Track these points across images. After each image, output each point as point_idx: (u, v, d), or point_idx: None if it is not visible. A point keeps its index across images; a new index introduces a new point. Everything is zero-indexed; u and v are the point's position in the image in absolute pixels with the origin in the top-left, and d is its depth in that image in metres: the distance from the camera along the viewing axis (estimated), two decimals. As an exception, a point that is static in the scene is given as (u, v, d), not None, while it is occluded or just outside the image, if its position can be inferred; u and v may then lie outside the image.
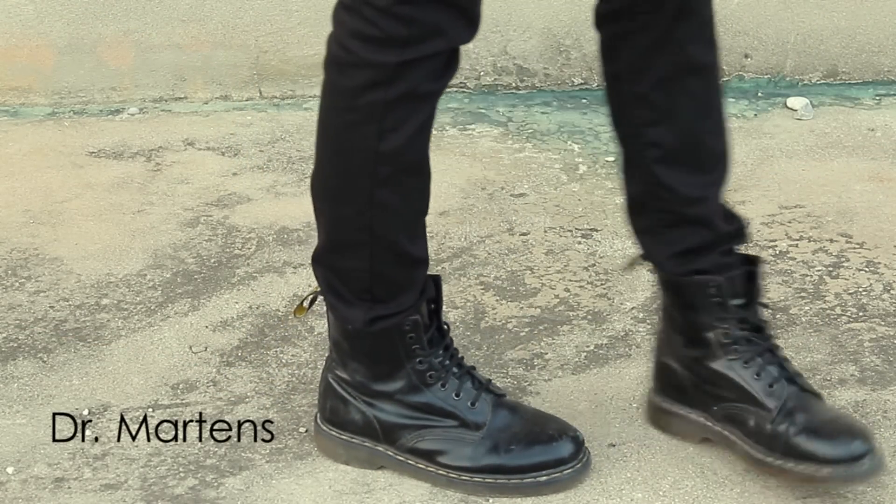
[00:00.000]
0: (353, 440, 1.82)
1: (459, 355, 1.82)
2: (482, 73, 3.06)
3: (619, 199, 2.55)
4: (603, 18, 1.76)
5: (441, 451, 1.78)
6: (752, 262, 1.83)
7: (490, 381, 1.83)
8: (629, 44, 1.74)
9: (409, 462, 1.79)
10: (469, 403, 1.79)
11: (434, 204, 2.04)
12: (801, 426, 1.75)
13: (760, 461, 1.76)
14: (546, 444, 1.77)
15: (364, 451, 1.81)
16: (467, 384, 1.80)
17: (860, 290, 2.25)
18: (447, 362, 1.80)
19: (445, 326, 1.82)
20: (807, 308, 2.19)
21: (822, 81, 3.09)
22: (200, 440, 1.90)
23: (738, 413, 1.79)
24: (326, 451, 1.84)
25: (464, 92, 3.02)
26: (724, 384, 1.81)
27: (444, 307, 1.83)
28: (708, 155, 1.79)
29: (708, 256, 1.80)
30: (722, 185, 1.81)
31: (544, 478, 1.76)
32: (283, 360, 2.08)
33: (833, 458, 1.72)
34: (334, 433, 1.82)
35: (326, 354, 1.85)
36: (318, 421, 1.85)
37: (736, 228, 1.82)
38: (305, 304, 1.86)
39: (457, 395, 1.79)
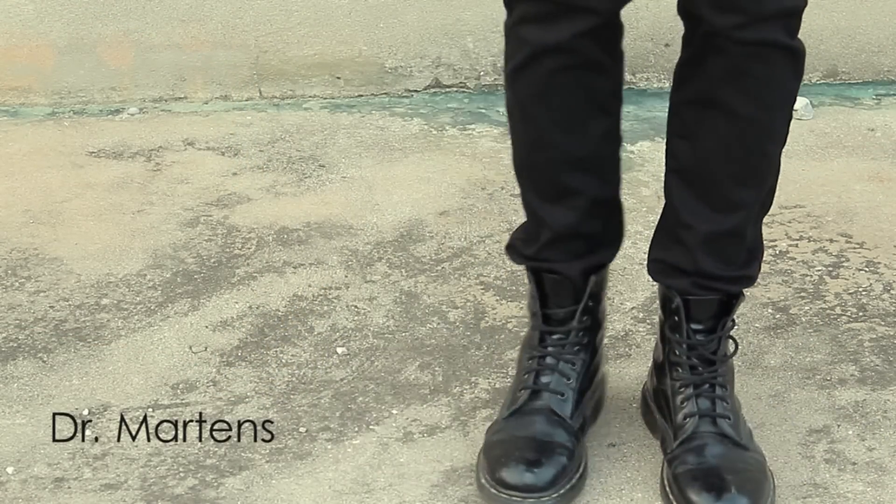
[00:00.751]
0: None
1: None
2: (482, 73, 3.06)
3: (619, 199, 2.56)
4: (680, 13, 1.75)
5: None
6: (732, 295, 1.80)
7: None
8: (683, 51, 1.73)
9: None
10: None
11: (434, 204, 2.06)
12: (688, 467, 1.72)
13: (662, 487, 1.76)
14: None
15: None
16: None
17: (860, 290, 2.25)
18: None
19: None
20: (807, 308, 2.19)
21: (822, 81, 3.09)
22: (200, 440, 1.90)
23: (665, 431, 1.79)
24: None
25: (464, 92, 3.02)
26: (663, 399, 1.81)
27: (444, 307, 1.82)
28: (718, 196, 1.75)
29: (682, 278, 1.79)
30: (732, 231, 1.76)
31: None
32: (283, 360, 2.08)
33: None
34: None
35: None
36: None
37: (730, 276, 1.78)
38: None
39: None
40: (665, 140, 1.79)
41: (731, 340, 1.82)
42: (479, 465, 1.76)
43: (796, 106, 2.96)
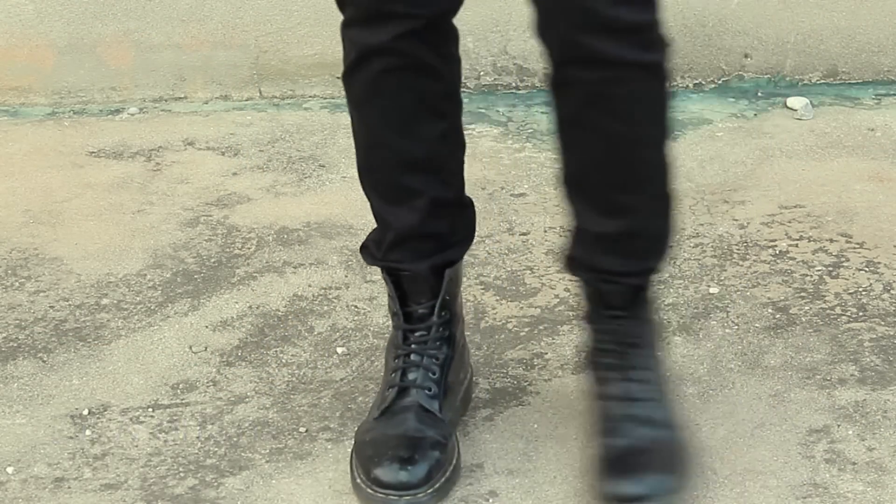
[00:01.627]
0: None
1: None
2: (482, 73, 3.06)
3: (619, 199, 2.56)
4: None
5: None
6: (631, 283, 1.81)
7: None
8: (548, 75, 1.73)
9: None
10: None
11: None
12: (614, 449, 1.74)
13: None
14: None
15: None
16: None
17: (860, 290, 2.25)
18: None
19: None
20: (807, 308, 2.19)
21: (822, 81, 3.09)
22: (200, 440, 1.90)
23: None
24: None
25: (464, 92, 3.01)
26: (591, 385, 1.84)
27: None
28: (602, 202, 1.74)
29: (585, 272, 1.81)
30: (624, 232, 1.75)
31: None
32: (283, 360, 2.08)
33: (628, 495, 1.70)
34: None
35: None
36: None
37: (627, 270, 1.79)
38: None
39: None
40: None
41: (651, 322, 1.83)
42: (352, 465, 1.78)
43: (796, 106, 2.97)
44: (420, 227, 1.79)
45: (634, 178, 1.74)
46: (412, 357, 1.83)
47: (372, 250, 1.86)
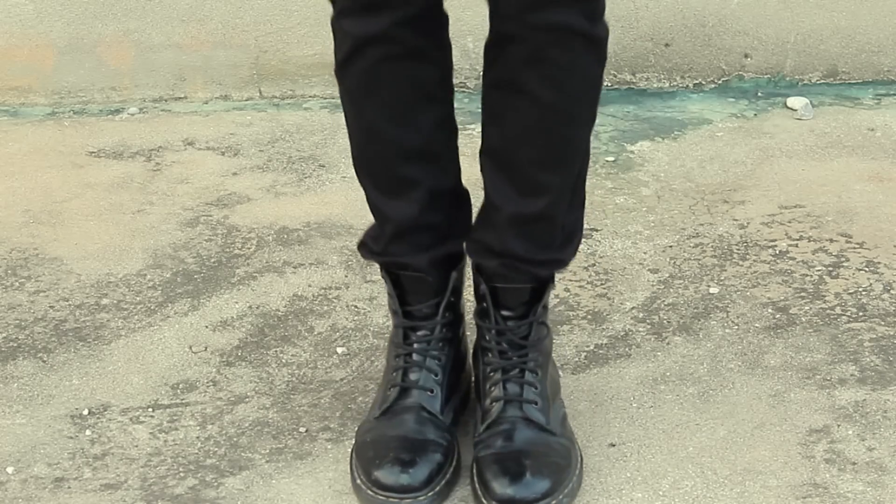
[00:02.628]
0: None
1: None
2: (482, 73, 3.05)
3: (619, 199, 2.56)
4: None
5: None
6: (543, 280, 1.80)
7: None
8: (489, 32, 1.71)
9: None
10: None
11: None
12: (490, 451, 1.74)
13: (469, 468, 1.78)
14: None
15: None
16: None
17: (860, 290, 2.25)
18: None
19: None
20: (807, 308, 2.19)
21: (822, 81, 3.09)
22: (200, 440, 1.90)
23: (476, 417, 1.81)
24: None
25: (464, 92, 3.02)
26: (476, 385, 1.83)
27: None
28: (523, 180, 1.74)
29: (492, 258, 1.78)
30: (540, 215, 1.75)
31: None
32: (283, 360, 2.08)
33: (500, 496, 1.69)
34: None
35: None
36: None
37: (539, 259, 1.78)
38: None
39: None
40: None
41: (544, 326, 1.83)
42: (352, 466, 1.77)
43: (796, 106, 2.97)
44: (419, 217, 1.79)
45: (559, 156, 1.73)
46: (414, 357, 1.82)
47: (370, 246, 1.86)
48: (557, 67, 1.65)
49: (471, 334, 1.90)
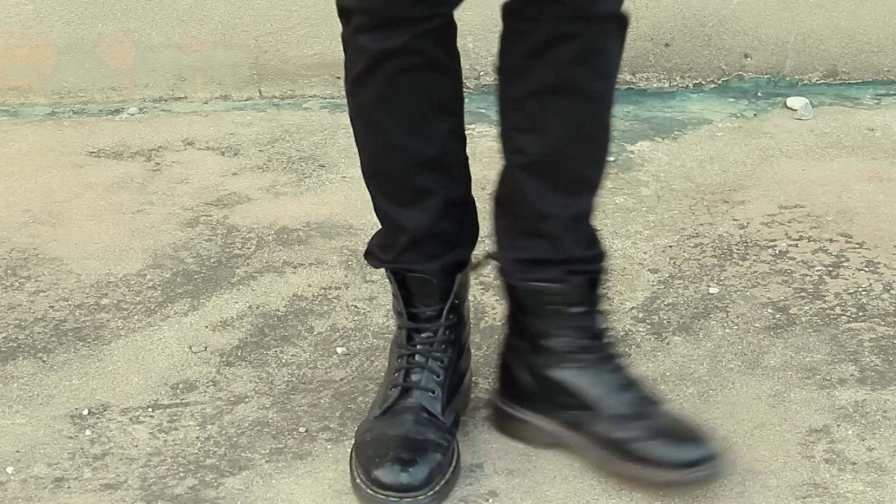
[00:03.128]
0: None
1: None
2: (482, 73, 3.06)
3: (619, 199, 2.56)
4: (502, 11, 1.73)
5: None
6: (597, 269, 1.82)
7: None
8: (513, 46, 1.72)
9: None
10: None
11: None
12: (640, 432, 1.75)
13: (606, 466, 1.78)
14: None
15: None
16: None
17: (860, 290, 2.25)
18: None
19: None
20: (807, 308, 2.19)
21: (822, 81, 3.09)
22: (200, 440, 1.90)
23: (581, 420, 1.79)
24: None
25: (464, 91, 3.02)
26: (564, 392, 1.81)
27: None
28: (574, 180, 1.75)
29: (550, 269, 1.79)
30: (586, 212, 1.78)
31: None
32: (283, 360, 2.08)
33: (672, 462, 1.71)
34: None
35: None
36: None
37: (592, 255, 1.80)
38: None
39: None
40: (502, 137, 1.79)
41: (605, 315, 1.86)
42: (352, 464, 1.78)
43: (796, 106, 2.97)
44: (433, 226, 1.80)
45: (603, 146, 1.75)
46: (417, 358, 1.82)
47: (378, 255, 1.86)
48: (603, 57, 1.68)
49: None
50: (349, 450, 1.82)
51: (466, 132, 1.85)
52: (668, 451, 1.73)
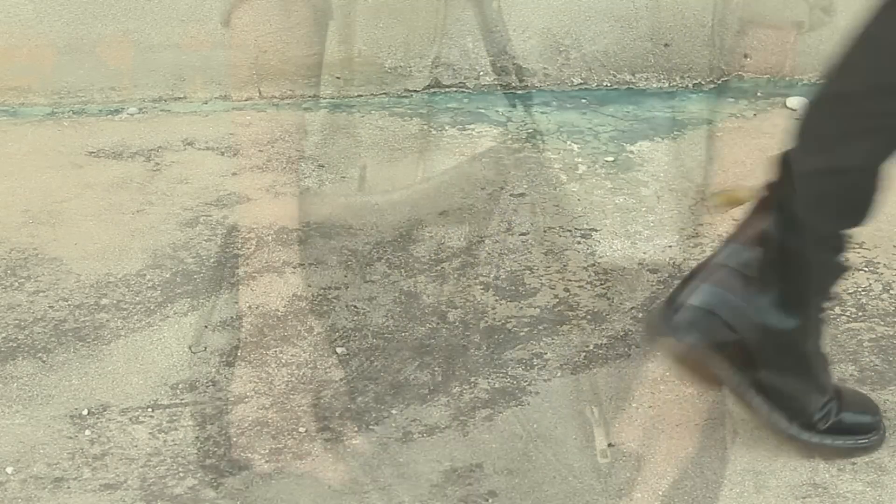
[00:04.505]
0: None
1: None
2: (482, 73, 3.06)
3: (619, 199, 2.56)
4: None
5: None
6: None
7: None
8: None
9: None
10: None
11: (434, 204, 2.05)
12: (842, 403, 1.83)
13: (798, 437, 1.81)
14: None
15: None
16: None
17: (860, 290, 2.24)
18: None
19: None
20: (806, 308, 2.19)
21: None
22: (200, 440, 1.90)
23: (790, 390, 1.81)
24: None
25: (463, 92, 3.02)
26: (800, 362, 1.82)
27: (444, 307, 1.83)
28: None
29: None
30: None
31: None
32: (283, 360, 2.08)
33: (871, 425, 1.82)
34: None
35: None
36: None
37: None
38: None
39: None
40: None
41: None
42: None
43: (796, 106, 2.96)
44: None
45: None
46: None
47: None
48: None
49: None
50: (349, 450, 1.82)
51: (465, 132, 1.85)
52: (863, 418, 1.83)
